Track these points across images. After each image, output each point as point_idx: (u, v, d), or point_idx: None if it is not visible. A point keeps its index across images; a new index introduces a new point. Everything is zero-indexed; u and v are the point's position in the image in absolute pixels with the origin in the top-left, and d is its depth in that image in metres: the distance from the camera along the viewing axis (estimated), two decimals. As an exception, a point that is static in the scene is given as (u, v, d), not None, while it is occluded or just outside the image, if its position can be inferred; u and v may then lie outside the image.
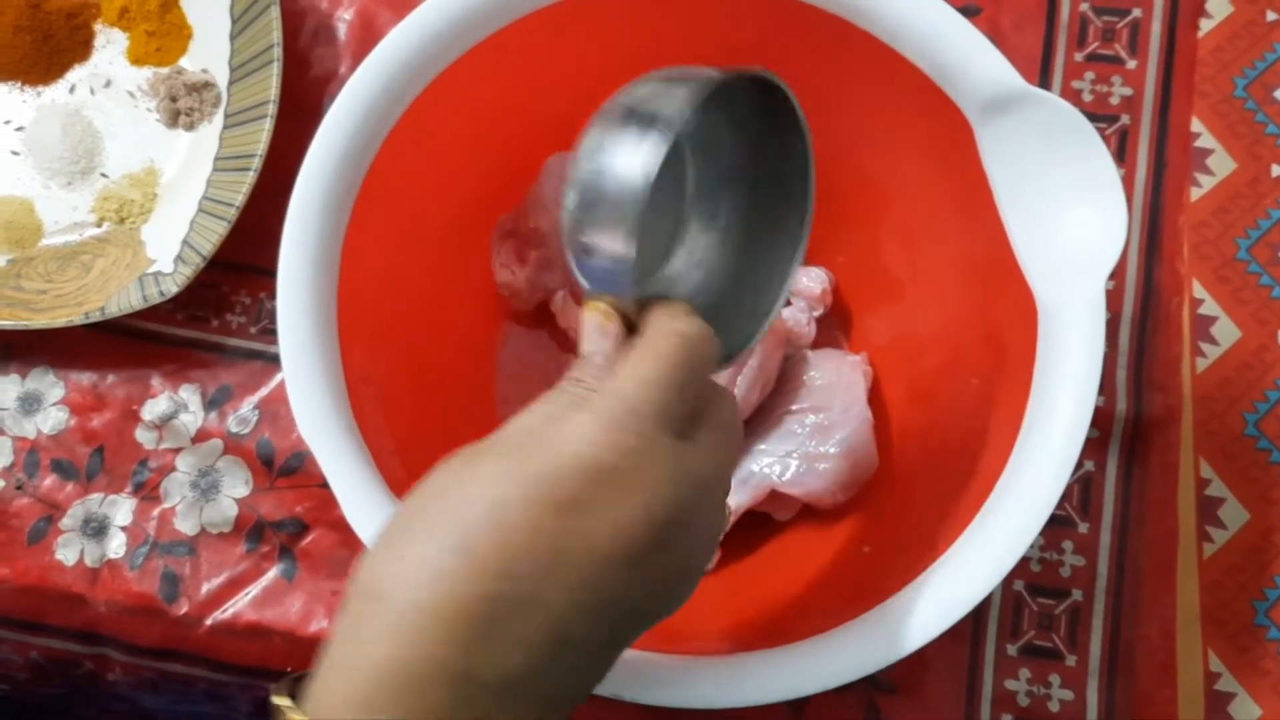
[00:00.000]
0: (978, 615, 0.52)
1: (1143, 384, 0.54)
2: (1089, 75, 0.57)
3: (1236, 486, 0.53)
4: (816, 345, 0.52)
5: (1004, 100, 0.42)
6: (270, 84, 0.55)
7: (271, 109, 0.55)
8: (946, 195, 0.47)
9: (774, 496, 0.50)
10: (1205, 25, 0.58)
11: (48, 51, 0.61)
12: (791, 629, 0.41)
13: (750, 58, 0.48)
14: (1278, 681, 0.51)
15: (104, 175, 0.60)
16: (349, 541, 0.53)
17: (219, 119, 0.59)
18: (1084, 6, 0.58)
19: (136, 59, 0.61)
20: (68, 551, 0.54)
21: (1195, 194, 0.56)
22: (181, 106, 0.59)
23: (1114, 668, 0.51)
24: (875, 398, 0.50)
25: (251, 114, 0.56)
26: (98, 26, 0.62)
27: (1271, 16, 0.58)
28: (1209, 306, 0.55)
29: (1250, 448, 0.54)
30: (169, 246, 0.56)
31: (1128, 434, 0.53)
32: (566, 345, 0.54)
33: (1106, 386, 0.53)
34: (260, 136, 0.55)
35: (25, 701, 0.58)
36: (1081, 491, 0.53)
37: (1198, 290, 0.55)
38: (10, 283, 0.57)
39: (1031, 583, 0.52)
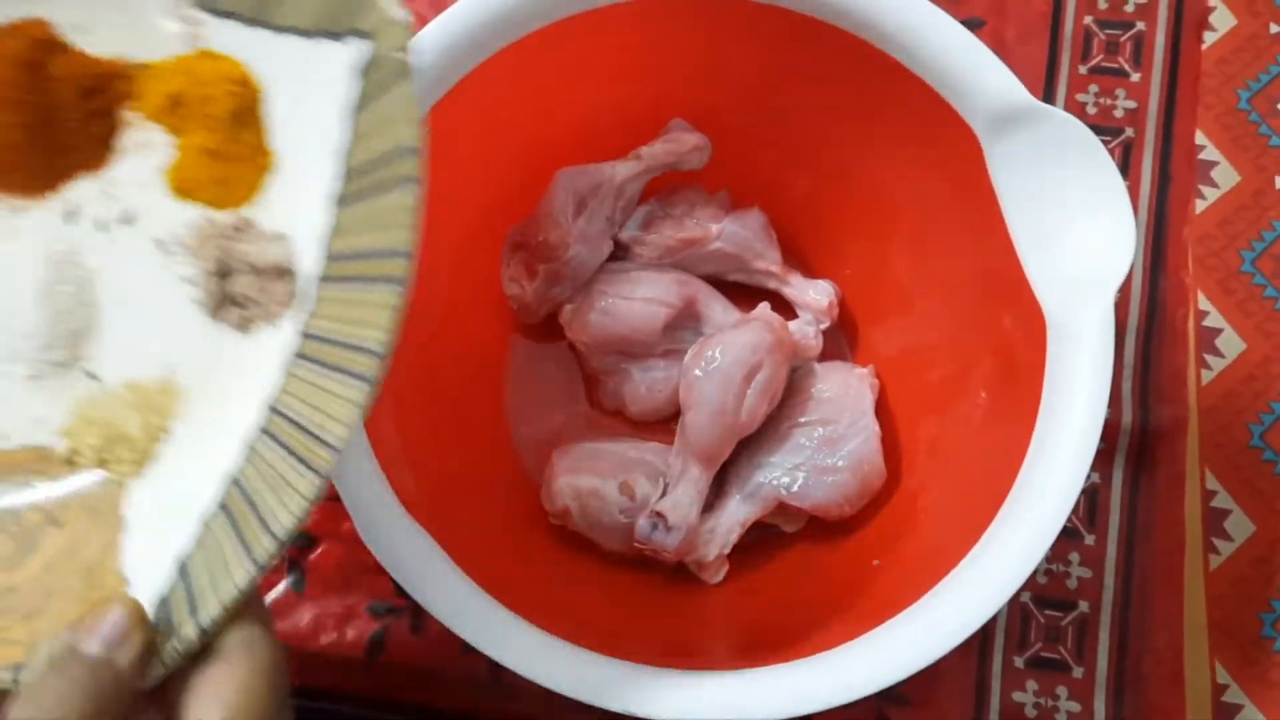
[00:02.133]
0: (985, 627, 0.52)
1: (1148, 396, 0.54)
2: (1093, 88, 0.57)
3: (1243, 498, 0.53)
4: (823, 358, 0.52)
5: (1011, 115, 0.42)
6: (389, 304, 0.32)
7: (384, 344, 0.32)
8: (954, 209, 0.47)
9: (781, 508, 0.50)
10: (1209, 38, 0.58)
11: (44, 145, 0.38)
12: (801, 643, 0.42)
13: (761, 72, 0.48)
14: (1285, 693, 0.51)
15: (91, 376, 0.38)
16: (358, 555, 0.53)
17: (288, 327, 0.36)
18: (1088, 19, 0.58)
19: (182, 186, 0.38)
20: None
21: (1200, 206, 0.57)
22: (236, 291, 0.37)
23: (1121, 679, 0.51)
24: (882, 410, 0.50)
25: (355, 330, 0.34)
26: (130, 116, 0.39)
27: (1275, 29, 0.58)
28: (1214, 318, 0.55)
29: (1256, 459, 0.54)
30: (165, 550, 0.35)
31: (1134, 446, 0.53)
32: (576, 358, 0.54)
33: (1112, 398, 0.54)
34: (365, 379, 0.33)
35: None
36: (1088, 503, 0.53)
37: (1203, 302, 0.55)
38: None
39: (1038, 595, 0.52)
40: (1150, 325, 0.55)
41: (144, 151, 0.38)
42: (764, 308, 0.51)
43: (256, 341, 0.37)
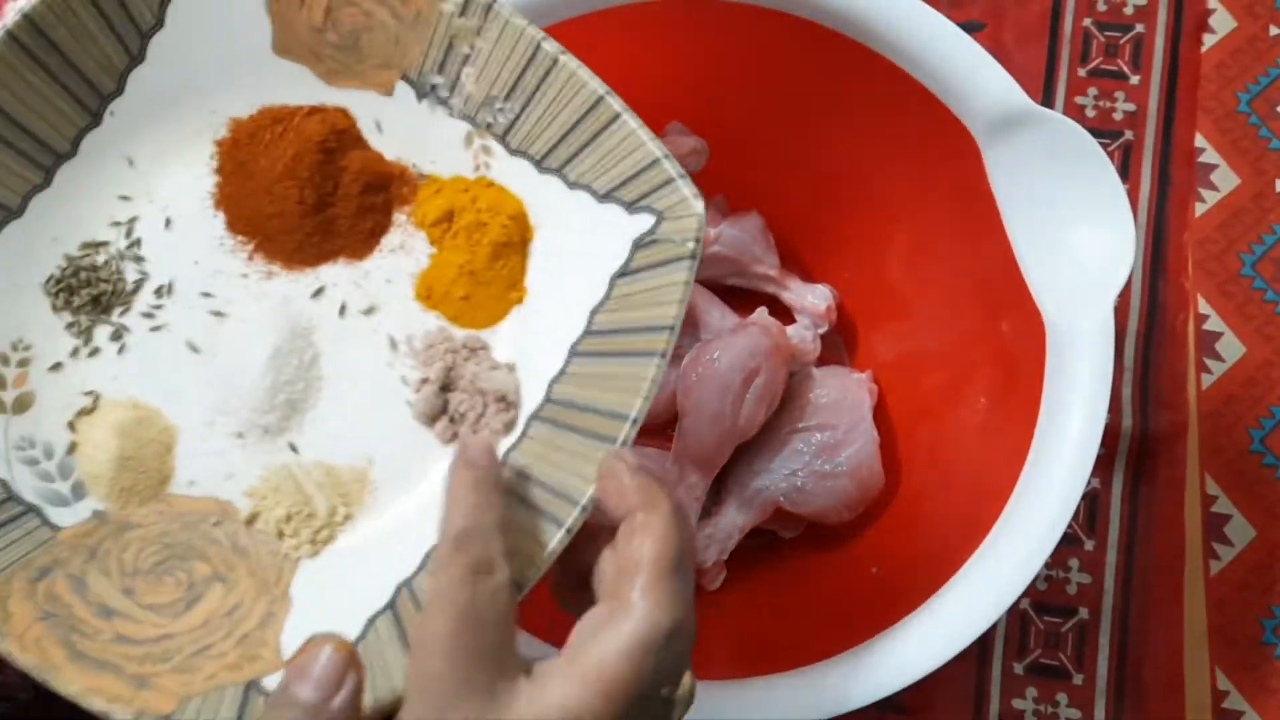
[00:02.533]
0: (984, 634, 0.51)
1: (1148, 400, 0.53)
2: (1092, 91, 0.57)
3: (1243, 503, 0.53)
4: (821, 363, 0.52)
5: (1010, 119, 0.42)
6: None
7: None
8: (953, 213, 0.46)
9: (779, 514, 0.49)
10: (1208, 40, 0.58)
11: (316, 224, 0.40)
12: (799, 651, 0.41)
13: (759, 75, 0.48)
14: (1285, 699, 0.51)
15: (293, 448, 0.39)
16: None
17: (505, 440, 0.37)
18: (1087, 22, 0.58)
19: (429, 295, 0.40)
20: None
21: (1199, 209, 0.56)
22: (453, 406, 0.39)
23: (1121, 686, 0.51)
24: (881, 416, 0.50)
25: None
26: (399, 218, 0.41)
27: (1275, 31, 0.58)
28: (1214, 322, 0.55)
29: (1256, 464, 0.53)
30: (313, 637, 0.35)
31: (1134, 451, 0.53)
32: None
33: (1112, 403, 0.53)
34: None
35: (27, 722, 0.58)
36: (1087, 509, 0.53)
37: (1203, 306, 0.55)
38: (72, 570, 0.38)
39: (1038, 601, 0.52)
40: (1150, 330, 0.55)
41: (403, 254, 0.40)
42: (762, 312, 0.50)
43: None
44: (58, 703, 0.57)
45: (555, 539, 0.34)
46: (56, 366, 0.40)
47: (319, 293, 0.40)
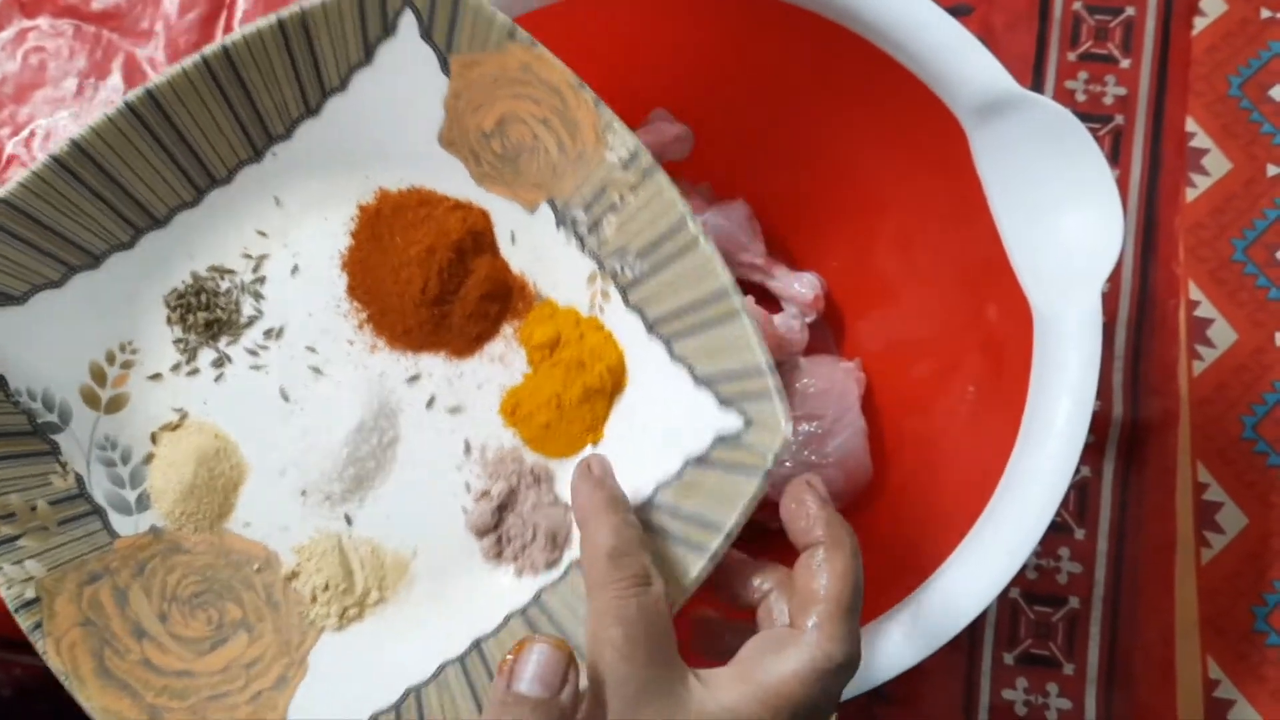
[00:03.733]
0: (974, 624, 0.51)
1: (1139, 388, 0.53)
2: (1082, 75, 0.57)
3: (1234, 490, 0.53)
4: (809, 352, 0.52)
5: (997, 103, 0.41)
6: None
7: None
8: (940, 200, 0.46)
9: (765, 504, 0.49)
10: (1199, 23, 0.57)
11: (429, 314, 0.41)
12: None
13: (744, 61, 0.48)
14: (1277, 688, 0.51)
15: (348, 520, 0.40)
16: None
17: (529, 587, 0.39)
18: (1077, 5, 0.57)
19: (512, 411, 0.41)
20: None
21: (1191, 194, 0.56)
22: (505, 526, 0.40)
23: (1112, 676, 0.51)
24: (868, 405, 0.50)
25: None
26: (506, 329, 0.42)
27: (1266, 14, 0.57)
28: (1205, 308, 0.55)
29: (1248, 451, 0.53)
30: (330, 716, 0.38)
31: (1125, 438, 0.53)
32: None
33: (1103, 390, 0.53)
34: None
35: (11, 720, 0.57)
36: (1078, 497, 0.52)
37: (1194, 292, 0.55)
38: (119, 582, 0.39)
39: (1028, 590, 0.52)
40: (1141, 316, 0.54)
41: (500, 365, 0.41)
42: (748, 301, 0.50)
43: (494, 577, 0.40)
44: (37, 700, 0.57)
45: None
46: (156, 377, 0.41)
47: (414, 379, 0.41)
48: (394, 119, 0.40)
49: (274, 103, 0.40)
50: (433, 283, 0.41)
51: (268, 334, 0.41)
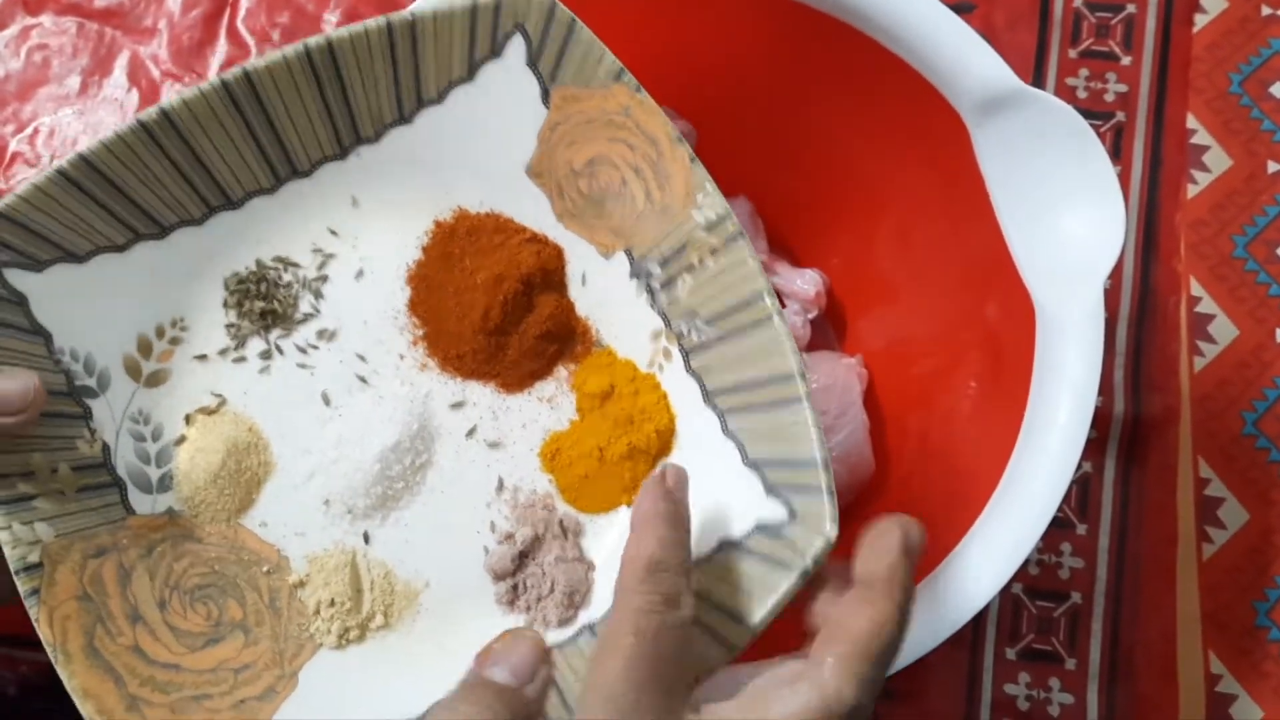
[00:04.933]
0: (976, 619, 0.51)
1: (1141, 384, 0.53)
2: (1083, 72, 0.57)
3: (1236, 486, 0.53)
4: (811, 348, 0.52)
5: (999, 100, 0.42)
6: None
7: None
8: (942, 196, 0.46)
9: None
10: (1200, 20, 0.58)
11: (485, 343, 0.40)
12: (788, 639, 0.41)
13: (746, 57, 0.48)
14: (1279, 683, 0.51)
15: (366, 539, 0.40)
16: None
17: (554, 634, 0.38)
18: (1078, 2, 0.57)
19: (552, 456, 0.40)
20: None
21: (1192, 191, 0.56)
22: (521, 574, 0.39)
23: (1114, 671, 0.51)
24: (870, 401, 0.50)
25: None
26: (561, 371, 0.41)
27: (1266, 12, 0.58)
28: (1206, 305, 0.55)
29: (1249, 447, 0.53)
30: None
31: (1126, 435, 0.53)
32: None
33: (1104, 387, 0.53)
34: None
35: (14, 718, 0.57)
36: (1080, 493, 0.53)
37: (1195, 288, 0.55)
38: (126, 560, 0.38)
39: (1030, 586, 0.52)
40: (1142, 312, 0.54)
41: (548, 406, 0.41)
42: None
43: (503, 624, 0.38)
44: (39, 697, 0.57)
45: None
46: (201, 357, 0.40)
47: (458, 405, 0.40)
48: (485, 140, 0.40)
49: (368, 104, 0.39)
50: (495, 311, 0.40)
51: (320, 334, 0.41)
